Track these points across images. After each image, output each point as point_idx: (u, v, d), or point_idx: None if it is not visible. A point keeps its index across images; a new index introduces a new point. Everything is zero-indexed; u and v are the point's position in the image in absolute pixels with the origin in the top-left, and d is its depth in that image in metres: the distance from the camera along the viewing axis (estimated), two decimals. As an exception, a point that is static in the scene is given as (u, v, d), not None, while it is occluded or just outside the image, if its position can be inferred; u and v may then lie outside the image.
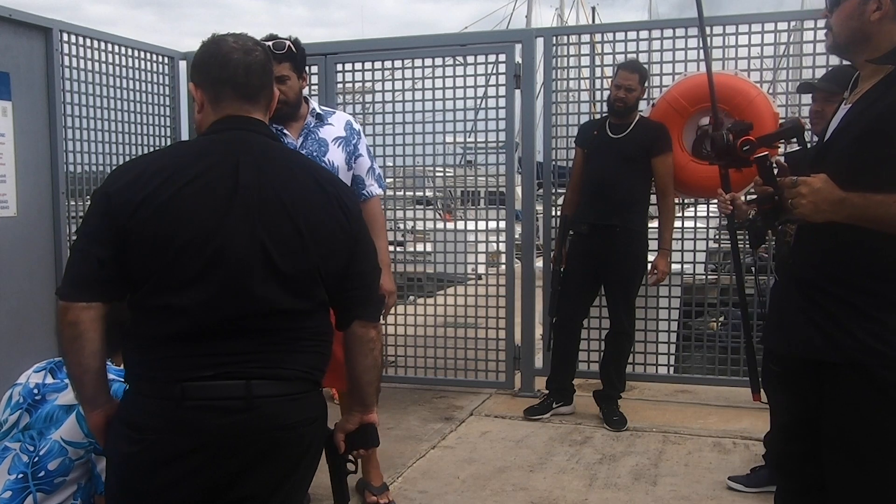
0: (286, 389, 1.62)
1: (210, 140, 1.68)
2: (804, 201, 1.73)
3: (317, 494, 3.43)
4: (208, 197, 1.57)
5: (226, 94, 1.69)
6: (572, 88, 5.25)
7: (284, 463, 1.66)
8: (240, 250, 1.56)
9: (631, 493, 3.44)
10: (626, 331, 4.38)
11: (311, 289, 1.64)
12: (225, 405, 1.56)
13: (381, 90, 5.30)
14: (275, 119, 3.02)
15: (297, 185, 1.64)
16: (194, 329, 1.56)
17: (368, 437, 1.87)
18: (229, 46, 1.68)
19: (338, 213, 1.67)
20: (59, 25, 4.37)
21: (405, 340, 5.25)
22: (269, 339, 1.61)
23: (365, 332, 1.76)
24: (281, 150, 1.73)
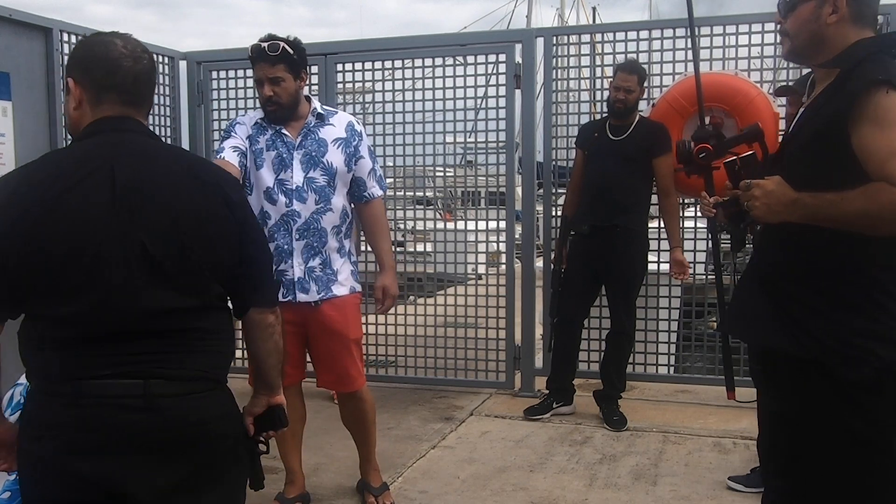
0: (185, 388, 1.63)
1: (86, 145, 1.67)
2: (757, 203, 1.79)
3: (316, 494, 3.43)
4: (86, 205, 1.57)
5: (109, 99, 1.68)
6: (572, 88, 5.25)
7: (196, 460, 1.65)
8: (120, 254, 1.57)
9: (631, 493, 3.44)
10: (627, 331, 4.38)
11: (198, 285, 1.65)
12: (124, 403, 1.57)
13: (381, 90, 5.30)
14: (272, 120, 3.03)
15: (174, 182, 1.64)
16: (86, 334, 1.58)
17: (276, 419, 1.90)
18: (119, 52, 1.66)
19: (219, 204, 1.67)
20: (59, 25, 4.37)
21: (405, 340, 5.25)
22: (165, 340, 1.62)
23: (262, 318, 1.79)
24: (158, 147, 1.73)
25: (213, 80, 5.43)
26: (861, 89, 1.69)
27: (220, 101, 5.46)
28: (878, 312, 1.77)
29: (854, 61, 1.77)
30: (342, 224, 3.12)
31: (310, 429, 3.47)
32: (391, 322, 5.26)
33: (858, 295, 1.78)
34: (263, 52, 2.96)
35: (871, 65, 1.73)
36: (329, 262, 3.08)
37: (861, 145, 1.69)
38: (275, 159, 3.03)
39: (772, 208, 1.77)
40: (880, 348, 1.76)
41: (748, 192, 1.81)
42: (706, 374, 5.01)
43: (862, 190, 1.66)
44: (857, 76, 1.73)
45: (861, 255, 1.78)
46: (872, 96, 1.67)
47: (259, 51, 2.98)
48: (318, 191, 3.03)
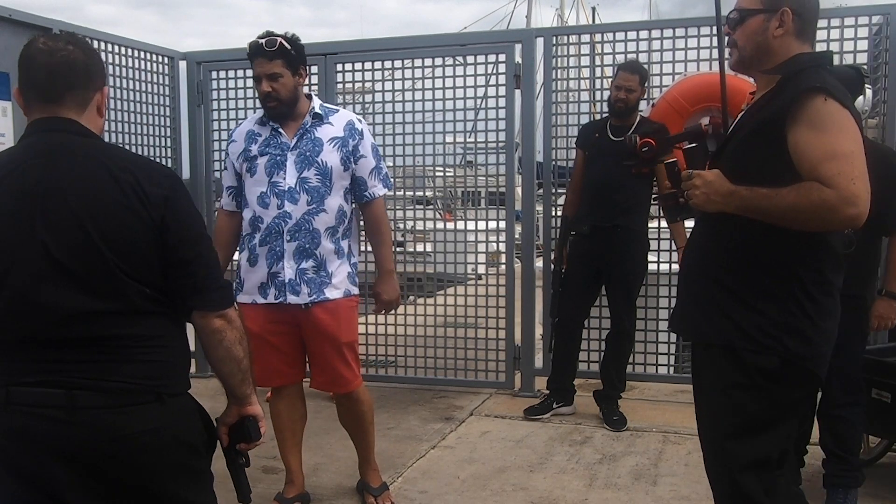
0: (112, 401, 1.56)
1: (13, 148, 1.68)
2: (697, 192, 1.94)
3: (317, 495, 3.43)
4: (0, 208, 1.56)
5: (32, 100, 1.66)
6: (572, 88, 5.25)
7: (128, 474, 1.60)
8: (27, 259, 1.53)
9: (631, 493, 3.44)
10: (627, 331, 4.38)
11: (115, 287, 1.56)
12: (47, 413, 1.53)
13: (381, 90, 5.30)
14: (272, 117, 3.02)
15: (86, 182, 1.57)
16: (10, 338, 1.55)
17: (246, 431, 1.81)
18: (36, 49, 1.64)
19: (133, 202, 1.56)
20: (59, 25, 4.36)
21: (405, 340, 5.25)
22: (92, 348, 1.56)
23: (205, 323, 1.67)
24: (79, 146, 1.63)
25: (213, 80, 5.43)
26: (801, 93, 1.83)
27: (220, 101, 5.45)
28: (793, 307, 1.92)
29: (794, 70, 1.93)
30: (339, 225, 3.07)
31: (310, 429, 3.46)
32: (391, 322, 5.26)
33: (780, 288, 1.93)
34: (261, 48, 2.95)
35: (811, 74, 1.89)
36: (324, 265, 3.03)
37: (796, 145, 1.82)
38: (268, 163, 3.01)
39: (710, 198, 1.91)
40: (789, 340, 1.92)
41: (689, 182, 1.95)
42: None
43: (795, 187, 1.79)
44: (796, 83, 1.88)
45: (788, 252, 1.92)
46: (811, 101, 1.81)
47: (257, 47, 2.96)
48: (310, 191, 3.00)
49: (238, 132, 3.15)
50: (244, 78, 5.31)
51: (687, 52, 4.69)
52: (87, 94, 1.67)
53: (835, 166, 1.77)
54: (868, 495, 3.26)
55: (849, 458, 3.12)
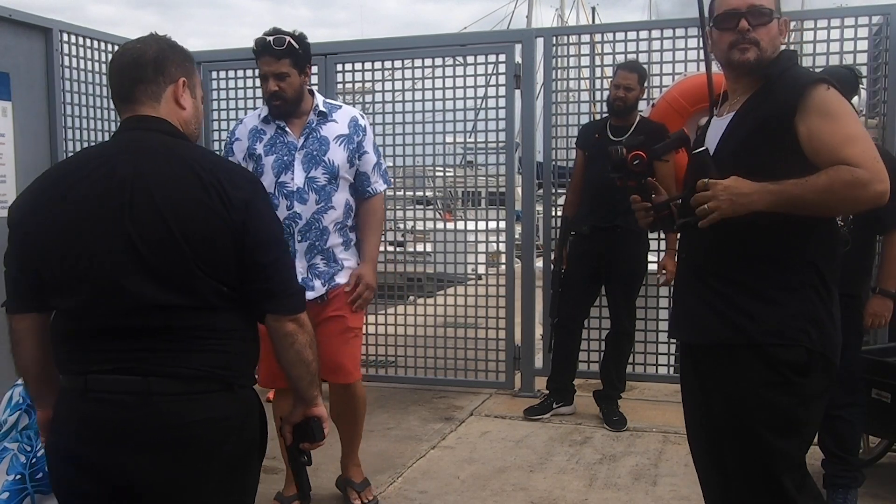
0: (185, 388, 1.60)
1: (101, 144, 1.77)
2: (722, 199, 1.85)
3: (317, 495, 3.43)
4: (85, 200, 1.61)
5: (114, 99, 1.74)
6: (572, 88, 5.25)
7: (194, 462, 1.63)
8: (111, 250, 1.58)
9: (631, 493, 3.44)
10: (627, 331, 4.38)
11: (191, 284, 1.60)
12: (122, 399, 1.59)
13: (381, 90, 5.30)
14: (276, 116, 3.02)
15: (170, 179, 1.61)
16: (86, 328, 1.61)
17: (310, 431, 1.84)
18: (115, 54, 1.74)
19: (216, 204, 1.60)
20: (59, 26, 4.37)
21: (405, 340, 5.25)
22: (167, 336, 1.60)
23: (278, 326, 1.71)
24: (163, 143, 1.68)
25: (213, 80, 5.43)
26: (805, 86, 1.88)
27: (220, 101, 5.45)
28: (813, 296, 1.93)
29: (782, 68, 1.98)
30: (346, 219, 3.11)
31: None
32: (391, 322, 5.26)
33: (797, 278, 1.93)
34: (269, 46, 2.93)
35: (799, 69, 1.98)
36: (333, 257, 3.08)
37: (811, 134, 1.85)
38: (275, 162, 3.01)
39: (736, 202, 1.85)
40: (813, 330, 1.92)
41: (707, 193, 1.87)
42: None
43: (824, 172, 1.81)
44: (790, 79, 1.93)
45: (801, 242, 1.92)
46: (816, 92, 1.86)
47: (264, 45, 2.94)
48: (318, 190, 3.01)
49: (241, 130, 3.14)
50: (244, 78, 5.31)
51: (687, 52, 4.69)
52: (159, 87, 1.71)
53: (858, 147, 1.82)
54: (868, 495, 3.26)
55: (849, 458, 3.12)
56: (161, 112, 1.71)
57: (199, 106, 1.82)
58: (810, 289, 1.93)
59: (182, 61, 1.75)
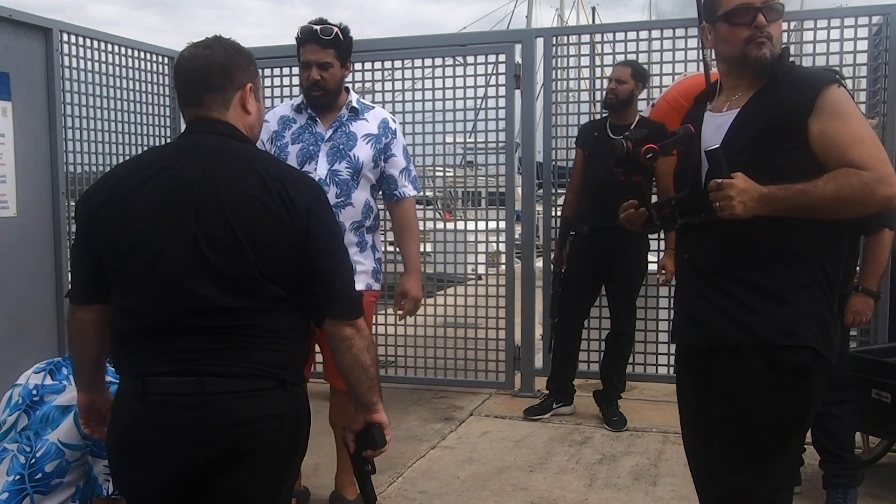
0: (240, 386, 1.63)
1: (169, 145, 1.82)
2: (734, 202, 1.81)
3: (316, 495, 3.43)
4: (152, 200, 1.64)
5: (181, 103, 1.78)
6: (572, 88, 5.25)
7: (250, 459, 1.66)
8: (176, 250, 1.61)
9: (631, 493, 3.44)
10: (627, 331, 4.38)
11: (252, 287, 1.63)
12: (180, 400, 1.61)
13: (381, 90, 5.30)
14: (312, 106, 2.98)
15: (236, 183, 1.64)
16: (147, 327, 1.64)
17: (370, 438, 1.85)
18: (181, 58, 1.75)
19: (279, 209, 1.63)
20: (59, 26, 4.37)
21: (405, 340, 5.25)
22: (222, 336, 1.63)
23: (336, 331, 1.72)
24: (230, 146, 1.71)
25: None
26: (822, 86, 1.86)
27: (220, 101, 5.44)
28: (820, 296, 1.92)
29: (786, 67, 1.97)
30: (364, 220, 3.07)
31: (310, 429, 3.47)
32: (391, 322, 5.26)
33: (806, 278, 1.91)
34: (316, 34, 2.90)
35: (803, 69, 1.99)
36: None
37: (823, 135, 1.84)
38: (300, 152, 2.98)
39: (747, 205, 1.81)
40: (819, 330, 1.90)
41: (721, 192, 1.83)
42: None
43: (830, 176, 1.79)
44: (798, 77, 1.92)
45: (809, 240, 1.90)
46: (830, 92, 1.85)
47: (311, 33, 2.92)
48: (339, 184, 2.98)
49: (272, 114, 3.10)
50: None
51: (687, 52, 4.69)
52: (227, 95, 1.73)
53: (866, 150, 1.81)
54: (868, 495, 3.26)
55: (845, 455, 3.13)
56: (229, 118, 1.74)
57: (262, 108, 1.85)
58: (817, 288, 1.92)
59: (247, 66, 1.78)
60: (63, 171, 4.34)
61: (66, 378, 2.13)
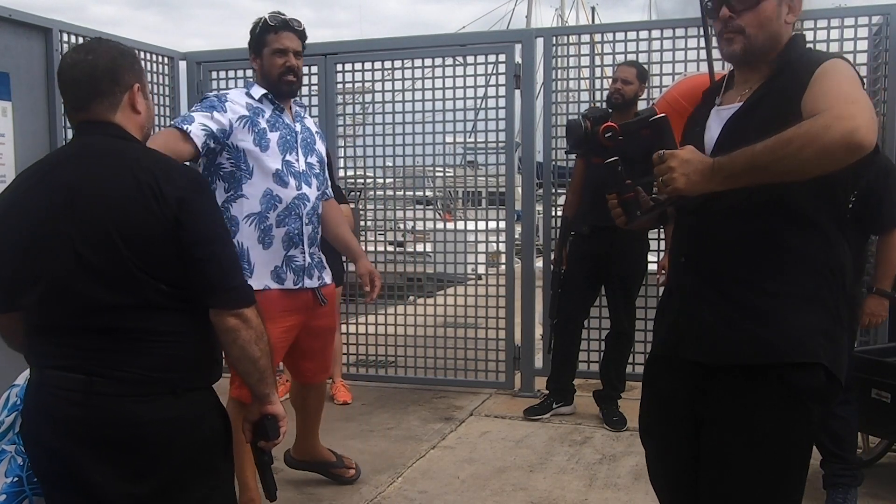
0: (126, 390, 1.64)
1: (59, 149, 1.86)
2: (675, 175, 1.64)
3: (317, 495, 3.43)
4: (32, 204, 1.67)
5: (66, 107, 1.79)
6: (572, 88, 5.25)
7: (140, 462, 1.66)
8: (56, 252, 1.64)
9: (631, 493, 3.44)
10: (627, 331, 4.38)
11: (131, 284, 1.63)
12: (68, 396, 1.64)
13: (381, 90, 5.30)
14: (281, 94, 2.91)
15: (108, 182, 1.65)
16: (42, 325, 1.69)
17: (266, 429, 1.84)
18: (64, 64, 1.75)
19: (149, 201, 1.62)
20: (59, 26, 4.37)
21: (405, 340, 5.25)
22: (111, 337, 1.64)
23: (219, 321, 1.70)
24: (116, 146, 1.71)
25: (213, 80, 5.43)
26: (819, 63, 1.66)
27: (220, 101, 5.45)
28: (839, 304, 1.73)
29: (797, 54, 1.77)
30: None
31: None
32: (391, 322, 5.26)
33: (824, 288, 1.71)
34: (288, 23, 2.89)
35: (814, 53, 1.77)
36: (319, 251, 3.04)
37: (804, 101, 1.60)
38: (280, 140, 2.87)
39: (690, 178, 1.63)
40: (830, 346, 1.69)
41: (663, 165, 1.66)
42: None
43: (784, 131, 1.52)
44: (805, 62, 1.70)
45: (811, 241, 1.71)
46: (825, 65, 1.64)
47: (285, 22, 2.89)
48: (316, 177, 2.98)
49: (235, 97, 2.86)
50: (244, 78, 5.31)
51: (687, 52, 4.69)
52: (116, 98, 1.73)
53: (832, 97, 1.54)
54: (868, 495, 3.26)
55: (847, 456, 3.13)
56: (116, 120, 1.74)
57: (151, 105, 1.85)
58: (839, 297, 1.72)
59: (132, 65, 1.78)
60: (63, 171, 4.34)
61: None
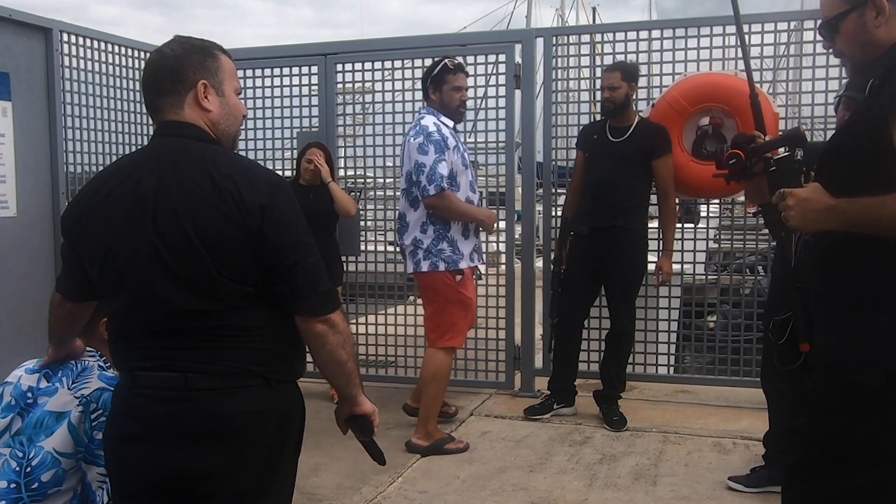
0: (222, 383, 1.67)
1: (137, 151, 1.87)
2: (791, 213, 1.73)
3: (317, 495, 3.43)
4: (116, 211, 1.69)
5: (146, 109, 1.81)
6: (572, 88, 5.25)
7: (231, 453, 1.70)
8: (140, 259, 1.66)
9: (631, 493, 3.44)
10: (627, 331, 4.38)
11: (215, 288, 1.64)
12: (164, 395, 1.67)
13: (381, 90, 5.30)
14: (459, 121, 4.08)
15: (189, 187, 1.65)
16: (130, 330, 1.71)
17: (360, 427, 1.91)
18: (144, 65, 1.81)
19: (230, 209, 1.63)
20: (59, 26, 4.37)
21: (405, 340, 5.25)
22: (200, 336, 1.67)
23: (307, 328, 1.72)
24: (190, 147, 1.72)
25: (213, 80, 5.42)
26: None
27: (220, 101, 5.44)
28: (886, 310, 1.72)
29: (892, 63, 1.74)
30: None
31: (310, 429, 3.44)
32: (391, 322, 5.26)
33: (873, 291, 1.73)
34: (462, 67, 4.06)
35: None
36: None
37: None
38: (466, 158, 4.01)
39: (806, 217, 1.71)
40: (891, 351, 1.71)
41: (783, 203, 1.75)
42: (706, 374, 5.01)
43: None
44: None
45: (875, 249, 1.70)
46: None
47: (459, 65, 4.04)
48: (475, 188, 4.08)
49: (444, 132, 3.90)
50: (244, 78, 5.31)
51: (687, 52, 4.69)
52: (179, 96, 1.74)
53: None
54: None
55: None
56: (186, 117, 1.74)
57: (232, 101, 1.82)
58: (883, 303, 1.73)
59: (202, 62, 1.77)
60: (63, 171, 4.35)
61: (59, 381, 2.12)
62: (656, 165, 4.25)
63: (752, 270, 5.99)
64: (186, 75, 1.74)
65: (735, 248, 5.18)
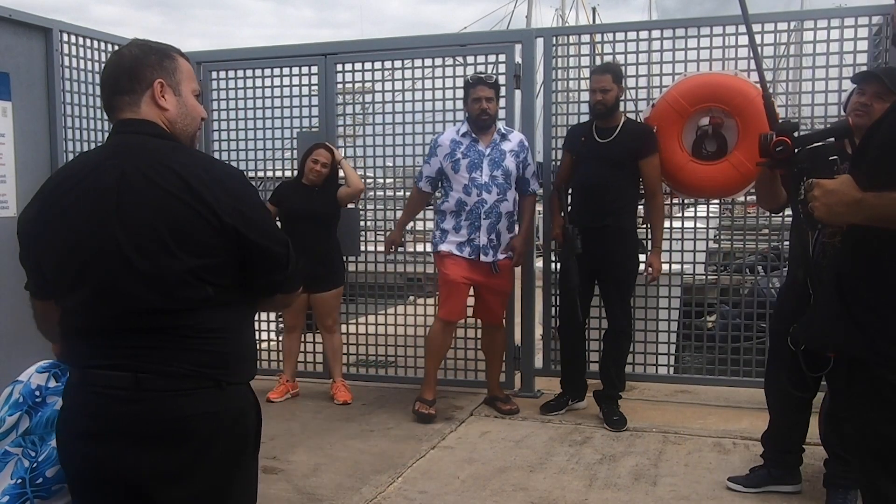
0: (174, 385, 1.67)
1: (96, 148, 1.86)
2: (817, 203, 1.69)
3: (317, 495, 3.43)
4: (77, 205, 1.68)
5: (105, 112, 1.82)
6: (572, 88, 5.25)
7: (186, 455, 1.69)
8: (103, 256, 1.65)
9: (631, 493, 3.44)
10: (624, 328, 4.39)
11: (176, 288, 1.64)
12: (115, 394, 1.66)
13: (381, 90, 5.30)
14: (480, 128, 4.40)
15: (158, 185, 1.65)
16: (87, 326, 1.70)
17: None
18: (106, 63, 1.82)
19: (200, 208, 1.63)
20: (59, 26, 4.37)
21: (405, 340, 5.25)
22: (157, 336, 1.66)
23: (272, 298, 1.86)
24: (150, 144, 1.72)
25: (213, 80, 5.43)
26: None
27: (220, 101, 5.45)
28: None
29: None
30: (514, 210, 4.50)
31: (310, 429, 3.47)
32: (391, 322, 5.26)
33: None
34: (483, 79, 4.40)
35: None
36: (500, 236, 4.44)
37: None
38: (468, 164, 4.37)
39: (832, 209, 1.67)
40: None
41: (810, 193, 1.73)
42: (706, 374, 5.01)
43: None
44: None
45: None
46: None
47: (478, 78, 4.41)
48: (498, 186, 4.38)
49: (443, 139, 4.49)
50: (244, 78, 5.32)
51: (687, 52, 4.69)
52: (136, 96, 1.76)
53: None
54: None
55: (852, 461, 3.12)
56: (143, 115, 1.75)
57: (189, 102, 1.83)
58: None
59: (159, 62, 1.78)
60: (63, 171, 4.34)
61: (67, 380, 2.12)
62: (643, 165, 4.28)
63: (752, 270, 5.99)
64: (143, 74, 1.75)
65: (735, 248, 5.20)
